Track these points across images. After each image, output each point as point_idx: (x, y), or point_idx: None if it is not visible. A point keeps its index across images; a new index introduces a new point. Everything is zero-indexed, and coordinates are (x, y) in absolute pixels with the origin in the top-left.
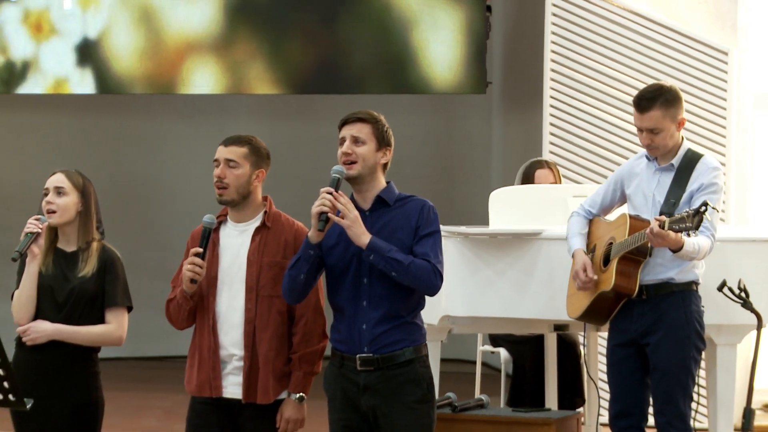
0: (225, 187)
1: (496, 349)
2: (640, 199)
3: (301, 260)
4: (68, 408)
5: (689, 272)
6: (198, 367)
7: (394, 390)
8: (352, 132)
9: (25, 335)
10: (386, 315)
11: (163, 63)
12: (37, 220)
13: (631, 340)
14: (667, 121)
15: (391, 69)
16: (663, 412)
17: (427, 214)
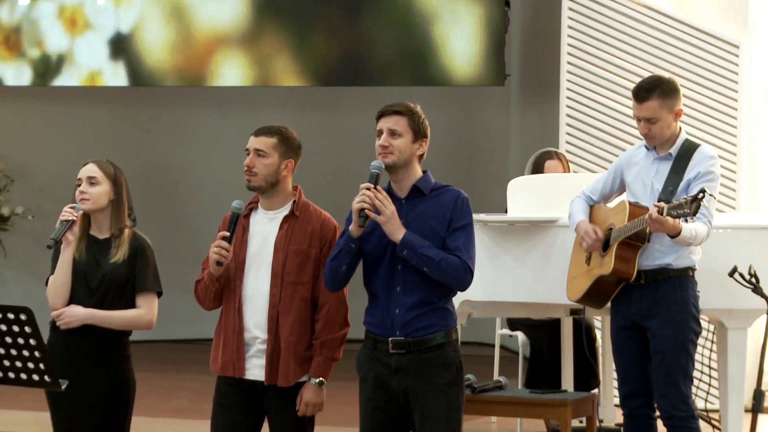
0: (253, 175)
1: (513, 332)
2: (639, 187)
3: (343, 252)
4: (101, 389)
5: (686, 258)
6: (223, 347)
7: (425, 373)
8: (389, 125)
9: (60, 319)
10: (419, 301)
11: (192, 56)
12: (72, 209)
13: (632, 323)
14: (664, 111)
15: (412, 62)
16: (665, 395)
17: (461, 206)
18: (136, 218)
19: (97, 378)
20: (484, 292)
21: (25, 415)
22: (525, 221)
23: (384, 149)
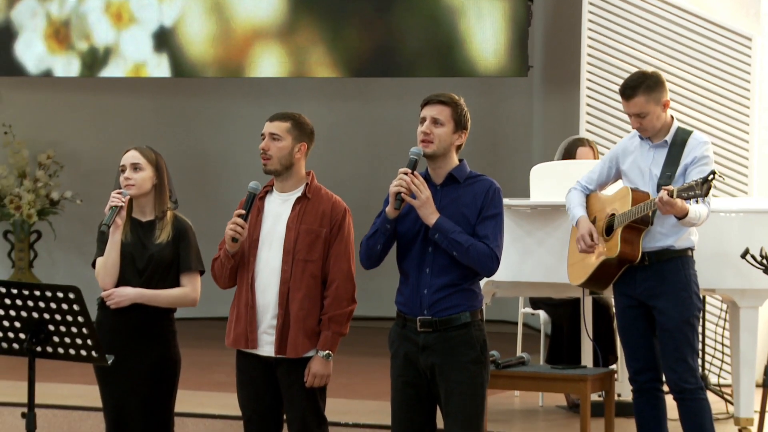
0: (269, 158)
1: (536, 311)
2: (636, 174)
3: (379, 233)
4: (149, 364)
5: (686, 240)
6: (235, 321)
7: (451, 350)
8: (433, 113)
9: (110, 299)
10: (446, 282)
11: (232, 49)
12: (120, 194)
13: (638, 302)
14: (651, 105)
15: (440, 54)
16: (674, 369)
17: (492, 195)
18: (178, 201)
19: (144, 354)
20: (508, 273)
21: (74, 389)
22: (547, 205)
23: (425, 136)
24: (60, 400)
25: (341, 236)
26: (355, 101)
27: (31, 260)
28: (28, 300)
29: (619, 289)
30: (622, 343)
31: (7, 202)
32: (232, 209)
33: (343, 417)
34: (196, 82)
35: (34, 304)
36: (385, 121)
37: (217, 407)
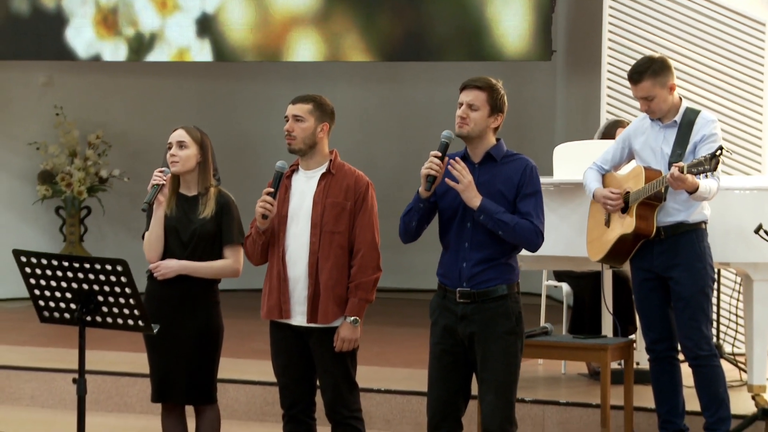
0: (293, 139)
1: (558, 283)
2: (648, 153)
3: (412, 211)
4: (193, 333)
5: (699, 214)
6: (269, 294)
7: (487, 321)
8: (468, 99)
9: (156, 271)
10: (484, 257)
11: (270, 34)
12: (161, 173)
13: (655, 275)
14: (657, 88)
15: (467, 39)
16: (690, 337)
17: (530, 173)
18: (221, 178)
19: (189, 323)
20: None
21: (122, 356)
22: (569, 183)
23: (462, 120)
24: (109, 367)
25: (365, 208)
26: (387, 84)
27: (82, 235)
28: (78, 272)
29: (636, 264)
30: (639, 315)
31: (59, 180)
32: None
33: (376, 384)
34: (236, 66)
35: (84, 276)
36: (416, 103)
37: (256, 374)
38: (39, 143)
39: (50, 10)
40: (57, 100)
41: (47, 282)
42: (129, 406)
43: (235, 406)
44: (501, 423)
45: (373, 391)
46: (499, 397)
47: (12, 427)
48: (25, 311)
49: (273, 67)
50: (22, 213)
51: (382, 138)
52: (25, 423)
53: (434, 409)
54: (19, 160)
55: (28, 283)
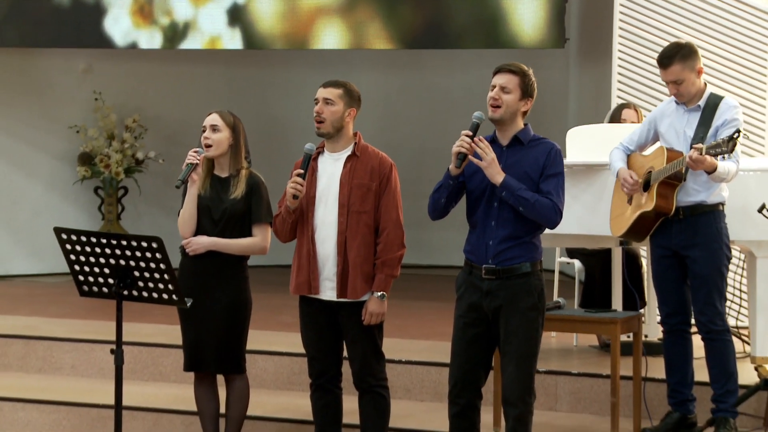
0: (322, 121)
1: (571, 260)
2: (672, 135)
3: (442, 188)
4: (223, 306)
5: (718, 195)
6: (298, 271)
7: (511, 297)
8: (501, 81)
9: (188, 247)
10: (509, 235)
11: (297, 23)
12: (196, 153)
13: (673, 252)
14: (686, 72)
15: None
16: (704, 312)
17: (554, 156)
18: (251, 160)
19: (219, 296)
20: None
21: (157, 328)
22: (581, 165)
23: (494, 101)
24: (144, 338)
25: (389, 188)
26: (408, 71)
27: (119, 213)
28: (115, 249)
29: (656, 241)
30: (656, 289)
31: (98, 161)
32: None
33: (398, 355)
34: (265, 54)
35: (121, 252)
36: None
37: (284, 345)
38: (79, 127)
39: (89, 0)
40: (96, 85)
41: (86, 258)
42: (164, 375)
43: (264, 375)
44: (521, 393)
45: (394, 362)
46: (519, 369)
47: (54, 395)
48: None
49: (300, 54)
50: (62, 193)
51: (403, 122)
52: (66, 391)
53: (456, 378)
54: (61, 143)
55: (68, 259)
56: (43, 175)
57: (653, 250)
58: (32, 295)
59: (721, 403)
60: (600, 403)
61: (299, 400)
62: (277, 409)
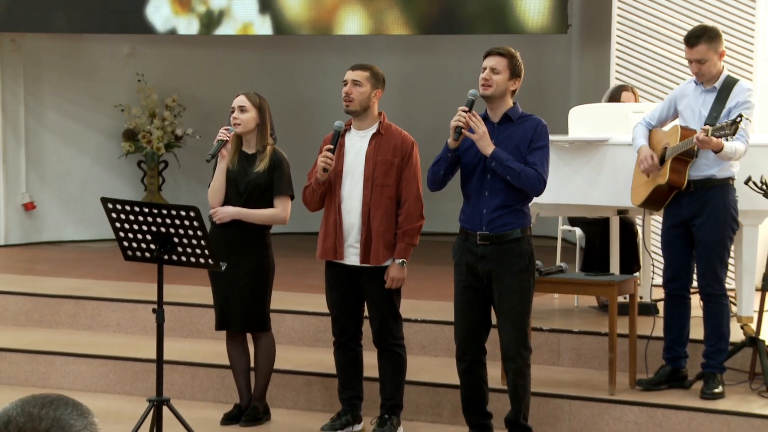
0: (351, 101)
1: (572, 228)
2: (688, 114)
3: (441, 160)
4: (247, 270)
5: (727, 170)
6: (324, 238)
7: (504, 260)
8: (491, 63)
9: (215, 216)
10: (501, 203)
11: (322, 11)
12: (226, 130)
13: (682, 222)
14: (711, 53)
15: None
16: (704, 277)
17: (540, 131)
18: (277, 138)
19: (243, 262)
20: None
21: (194, 289)
22: (582, 141)
23: (485, 81)
24: (183, 299)
25: (410, 164)
26: (424, 54)
27: (160, 185)
28: (157, 217)
29: (668, 211)
30: (663, 255)
31: (140, 137)
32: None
33: (415, 314)
34: (293, 39)
35: (162, 220)
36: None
37: (309, 306)
38: (123, 106)
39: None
40: (139, 68)
41: (130, 225)
42: (200, 332)
43: (291, 333)
44: (517, 349)
45: (410, 321)
46: (515, 326)
47: (101, 350)
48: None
49: (325, 39)
50: (108, 166)
51: (419, 102)
52: (112, 347)
53: (461, 337)
54: (107, 120)
55: (113, 227)
56: (91, 150)
57: (664, 219)
58: (81, 260)
59: (711, 360)
60: (599, 359)
61: (323, 356)
62: (304, 364)
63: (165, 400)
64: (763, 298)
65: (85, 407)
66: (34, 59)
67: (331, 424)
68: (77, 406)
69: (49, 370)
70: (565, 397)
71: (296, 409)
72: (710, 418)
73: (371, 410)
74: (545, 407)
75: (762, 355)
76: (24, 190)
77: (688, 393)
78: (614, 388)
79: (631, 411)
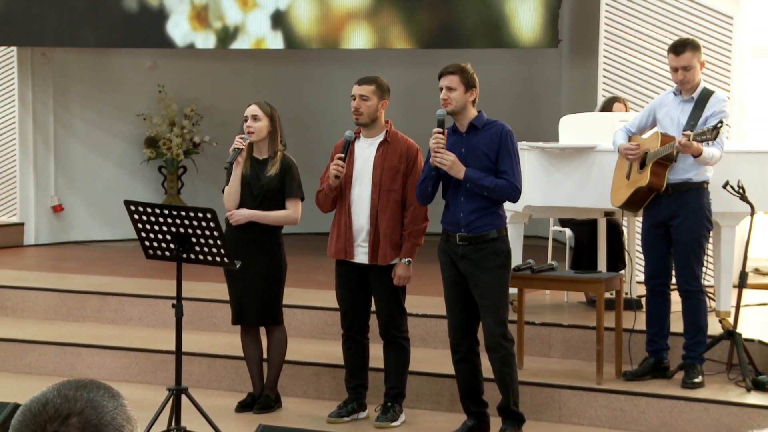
0: (360, 114)
1: (563, 228)
2: (668, 122)
3: (427, 179)
4: (261, 268)
5: (703, 174)
6: (336, 238)
7: (481, 258)
8: (446, 83)
9: (231, 218)
10: (476, 207)
11: (330, 27)
12: (242, 139)
13: (660, 222)
14: (695, 61)
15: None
16: (682, 274)
17: (505, 136)
18: (287, 144)
19: (257, 260)
20: (541, 199)
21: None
22: (571, 147)
23: (444, 101)
24: (200, 295)
25: (415, 170)
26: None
27: (179, 188)
28: (176, 219)
29: (647, 212)
30: (644, 254)
31: (161, 144)
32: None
33: (417, 309)
34: (303, 53)
35: (181, 221)
36: None
37: (319, 301)
38: (145, 115)
39: (154, 7)
40: (160, 80)
41: (151, 226)
42: (216, 326)
43: (302, 327)
44: (499, 339)
45: (412, 315)
46: (495, 319)
47: (124, 342)
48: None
49: (332, 53)
50: (131, 171)
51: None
52: (134, 339)
53: (453, 330)
54: (130, 128)
55: (136, 227)
56: (115, 156)
57: (644, 221)
58: (106, 258)
59: (690, 351)
60: (587, 351)
61: (331, 348)
62: (313, 356)
63: (183, 389)
64: (740, 294)
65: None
66: (62, 72)
67: (338, 412)
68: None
69: (76, 360)
70: (555, 387)
71: (305, 398)
72: (690, 406)
73: (375, 398)
74: (537, 396)
75: (739, 347)
76: (53, 194)
77: (670, 382)
78: (601, 378)
79: (617, 399)
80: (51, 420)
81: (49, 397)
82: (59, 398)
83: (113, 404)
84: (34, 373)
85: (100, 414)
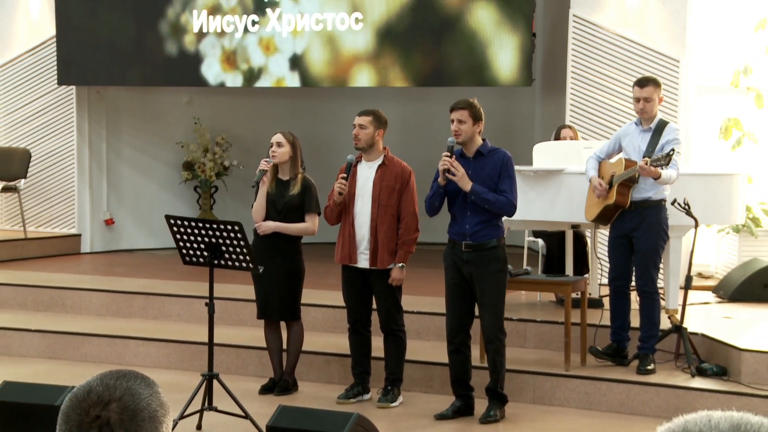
0: (359, 140)
1: (536, 239)
2: (630, 149)
3: (435, 194)
4: (283, 271)
5: (661, 193)
6: (341, 246)
7: (484, 264)
8: (457, 116)
9: (259, 229)
10: (480, 220)
11: (340, 68)
12: (266, 162)
13: (624, 234)
14: (655, 94)
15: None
16: (641, 278)
17: (506, 162)
18: (306, 167)
19: (280, 264)
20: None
21: (238, 287)
22: (543, 170)
23: (456, 132)
24: (229, 295)
25: (408, 188)
26: (419, 102)
27: (211, 205)
28: (209, 230)
29: (613, 225)
30: (609, 260)
31: (197, 168)
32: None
33: (412, 307)
34: (316, 90)
35: (213, 232)
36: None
37: (329, 300)
38: (183, 143)
39: (191, 52)
40: (195, 113)
41: (188, 237)
42: (243, 321)
43: (315, 322)
44: (496, 333)
45: (408, 312)
46: (493, 315)
47: (165, 335)
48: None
49: (341, 90)
50: (171, 190)
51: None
52: (173, 332)
53: (451, 325)
54: (170, 154)
55: (174, 237)
56: (158, 177)
57: (611, 232)
58: (150, 264)
59: (645, 343)
60: (557, 342)
61: (340, 340)
62: (325, 346)
63: (215, 375)
64: (686, 294)
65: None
66: (114, 107)
67: (345, 394)
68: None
69: (124, 351)
70: (529, 373)
71: (318, 382)
72: (644, 389)
73: (377, 383)
74: (514, 381)
75: (685, 339)
76: (105, 209)
77: (627, 370)
78: (569, 366)
79: (581, 384)
80: (94, 405)
81: (93, 385)
82: (101, 386)
83: (148, 392)
84: (89, 361)
85: (137, 400)
